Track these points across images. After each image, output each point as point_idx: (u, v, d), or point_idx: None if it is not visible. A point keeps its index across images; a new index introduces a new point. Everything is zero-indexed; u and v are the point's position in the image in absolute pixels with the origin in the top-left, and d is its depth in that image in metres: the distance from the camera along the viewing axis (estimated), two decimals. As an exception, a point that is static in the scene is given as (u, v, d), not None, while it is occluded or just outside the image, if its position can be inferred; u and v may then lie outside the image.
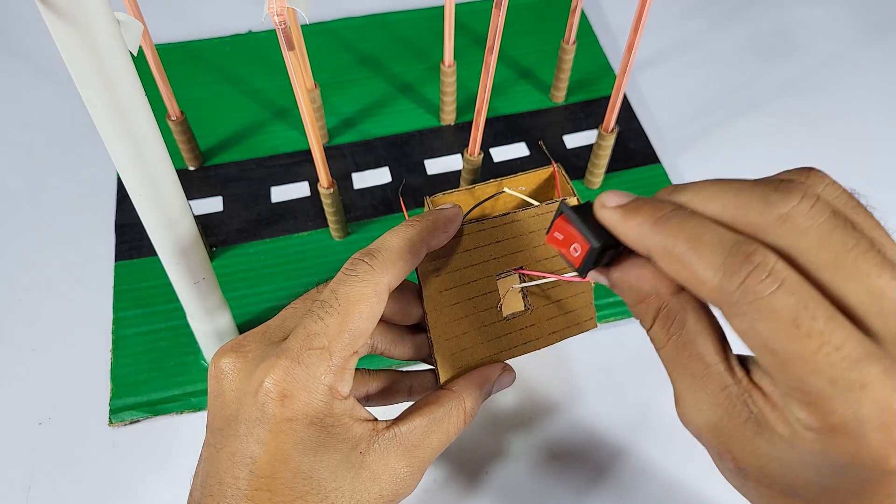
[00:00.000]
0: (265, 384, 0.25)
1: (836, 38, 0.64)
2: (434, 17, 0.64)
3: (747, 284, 0.18)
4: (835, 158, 0.55)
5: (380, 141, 0.55)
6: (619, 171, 0.54)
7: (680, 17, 0.65)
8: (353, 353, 0.26)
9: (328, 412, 0.26)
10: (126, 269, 0.48)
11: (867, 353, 0.18)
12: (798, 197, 0.19)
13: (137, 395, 0.43)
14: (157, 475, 0.40)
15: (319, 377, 0.25)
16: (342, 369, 0.26)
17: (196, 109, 0.56)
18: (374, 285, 0.26)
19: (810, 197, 0.19)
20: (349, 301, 0.26)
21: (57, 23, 0.24)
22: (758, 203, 0.19)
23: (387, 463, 0.27)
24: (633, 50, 0.41)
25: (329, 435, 0.26)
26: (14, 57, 0.61)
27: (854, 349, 0.18)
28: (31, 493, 0.39)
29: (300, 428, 0.25)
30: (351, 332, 0.26)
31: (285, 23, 0.32)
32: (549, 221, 0.31)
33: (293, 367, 0.25)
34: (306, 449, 0.25)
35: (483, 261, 0.31)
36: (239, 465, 0.25)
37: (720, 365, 0.21)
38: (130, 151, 0.29)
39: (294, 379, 0.25)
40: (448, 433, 0.29)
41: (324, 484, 0.25)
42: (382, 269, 0.26)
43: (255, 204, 0.52)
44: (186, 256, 0.36)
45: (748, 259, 0.19)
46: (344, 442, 0.26)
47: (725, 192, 0.20)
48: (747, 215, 0.20)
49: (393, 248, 0.27)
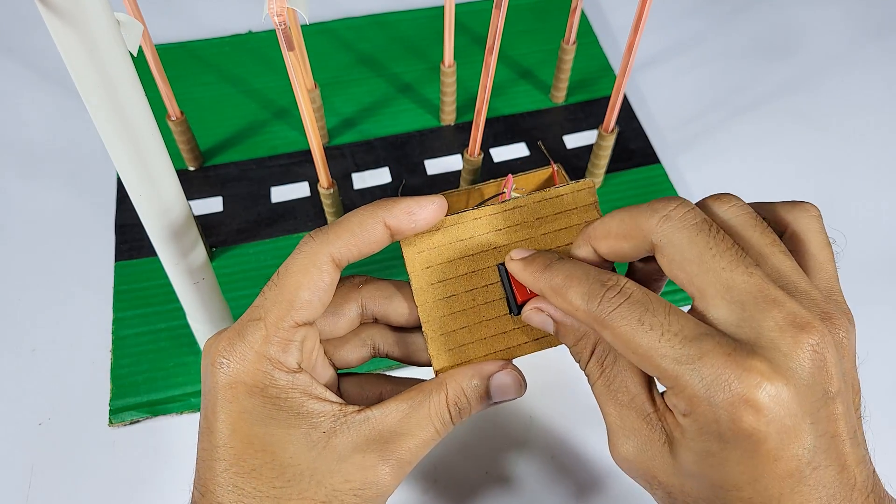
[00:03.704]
0: (213, 356, 0.26)
1: (836, 38, 0.64)
2: (434, 17, 0.64)
3: (603, 301, 0.24)
4: (834, 158, 0.55)
5: (380, 141, 0.55)
6: (619, 171, 0.54)
7: (680, 17, 0.65)
8: (295, 323, 0.26)
9: (269, 382, 0.26)
10: (126, 269, 0.48)
11: (701, 332, 0.22)
12: (676, 204, 0.24)
13: (137, 396, 0.43)
14: (157, 475, 0.40)
15: (252, 345, 0.26)
16: (283, 340, 0.26)
17: (196, 109, 0.56)
18: (312, 255, 0.26)
19: (686, 205, 0.24)
20: (287, 273, 0.26)
21: (57, 23, 0.24)
22: (647, 210, 0.25)
23: (355, 448, 0.26)
24: (633, 50, 0.41)
25: (278, 408, 0.25)
26: (14, 57, 0.61)
27: (689, 331, 0.22)
28: (31, 493, 0.39)
29: (242, 397, 0.25)
30: (287, 302, 0.26)
31: (285, 23, 0.32)
32: (558, 206, 0.30)
33: (234, 338, 0.26)
34: (254, 419, 0.25)
35: (482, 250, 0.30)
36: (206, 437, 0.26)
37: (642, 395, 0.25)
38: (130, 151, 0.29)
39: (233, 349, 0.26)
40: (428, 421, 0.27)
41: (279, 458, 0.25)
42: (324, 241, 0.27)
43: (255, 204, 0.52)
44: (186, 257, 0.36)
45: (604, 283, 0.24)
46: (299, 417, 0.26)
47: (624, 210, 0.26)
48: (638, 220, 0.25)
49: (343, 221, 0.27)
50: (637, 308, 0.23)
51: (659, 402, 0.25)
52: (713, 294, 0.23)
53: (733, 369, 0.21)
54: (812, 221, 0.26)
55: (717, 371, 0.21)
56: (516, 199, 0.30)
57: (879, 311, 0.47)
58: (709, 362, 0.21)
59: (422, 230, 0.28)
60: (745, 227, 0.25)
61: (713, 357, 0.21)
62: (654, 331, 0.23)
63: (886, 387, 0.44)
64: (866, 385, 0.26)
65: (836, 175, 0.54)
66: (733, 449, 0.21)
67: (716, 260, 0.23)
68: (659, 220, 0.24)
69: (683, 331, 0.22)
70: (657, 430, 0.24)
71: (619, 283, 0.24)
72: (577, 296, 0.25)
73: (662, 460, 0.24)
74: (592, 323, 0.24)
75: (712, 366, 0.21)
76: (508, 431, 0.42)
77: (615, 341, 0.24)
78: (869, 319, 0.47)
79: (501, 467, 0.41)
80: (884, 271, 0.49)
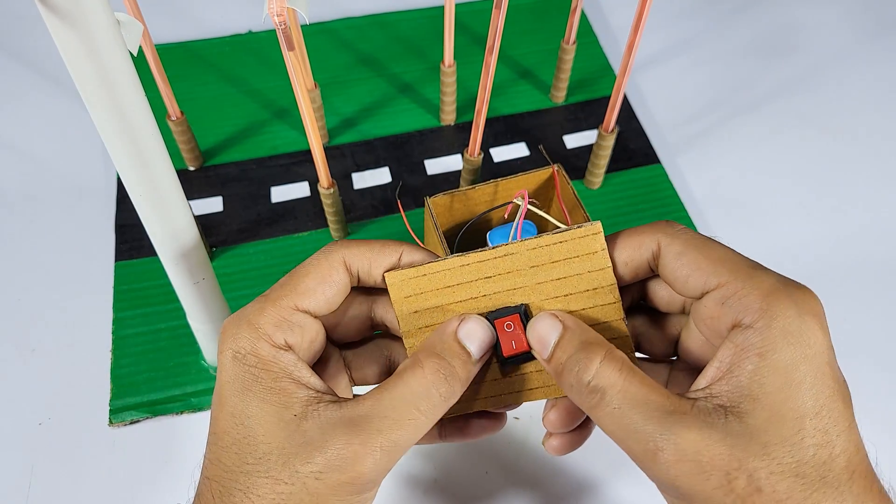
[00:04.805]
0: (221, 329, 0.27)
1: (836, 38, 0.64)
2: (434, 17, 0.64)
3: (670, 225, 0.27)
4: (834, 158, 0.55)
5: (380, 141, 0.55)
6: (619, 171, 0.54)
7: (680, 17, 0.65)
8: (294, 306, 0.27)
9: (252, 351, 0.26)
10: (126, 269, 0.48)
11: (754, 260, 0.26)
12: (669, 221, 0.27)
13: (137, 396, 0.43)
14: (157, 475, 0.40)
15: (249, 317, 0.26)
16: (277, 317, 0.26)
17: (196, 109, 0.56)
18: (327, 255, 0.28)
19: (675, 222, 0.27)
20: (301, 266, 0.28)
21: (57, 23, 0.24)
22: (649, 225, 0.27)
23: (329, 438, 0.24)
24: (633, 50, 0.41)
25: (255, 378, 0.26)
26: (14, 57, 0.61)
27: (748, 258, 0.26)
28: (31, 493, 0.39)
29: (229, 363, 0.26)
30: (292, 286, 0.27)
31: (285, 23, 0.32)
32: (556, 254, 0.27)
33: (238, 313, 0.27)
34: (234, 388, 0.26)
35: (470, 297, 0.27)
36: (211, 410, 0.27)
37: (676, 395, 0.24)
38: (130, 151, 0.29)
39: (231, 321, 0.27)
40: (408, 399, 0.25)
41: (253, 433, 0.25)
42: (342, 247, 0.28)
43: (255, 204, 0.52)
44: (186, 256, 0.36)
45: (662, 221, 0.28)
46: (272, 393, 0.25)
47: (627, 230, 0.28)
48: (647, 229, 0.27)
49: (367, 240, 0.29)
50: (702, 236, 0.26)
51: (691, 394, 0.24)
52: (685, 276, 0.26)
53: (796, 283, 0.24)
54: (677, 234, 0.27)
55: (785, 280, 0.24)
56: (507, 245, 0.27)
57: (880, 312, 0.47)
58: (775, 275, 0.24)
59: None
60: None
61: (776, 274, 0.25)
62: (724, 247, 0.26)
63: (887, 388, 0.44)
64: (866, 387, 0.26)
65: (835, 175, 0.54)
66: (813, 358, 0.23)
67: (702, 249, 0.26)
68: (667, 226, 0.27)
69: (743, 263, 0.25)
70: (714, 413, 0.23)
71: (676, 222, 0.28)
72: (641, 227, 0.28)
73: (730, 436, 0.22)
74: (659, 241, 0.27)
75: (780, 276, 0.24)
76: (508, 431, 0.42)
77: (681, 254, 0.26)
78: (869, 320, 0.47)
79: (501, 467, 0.41)
80: (884, 272, 0.49)
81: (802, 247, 0.50)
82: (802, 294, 0.24)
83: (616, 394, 0.24)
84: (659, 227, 0.27)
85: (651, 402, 0.23)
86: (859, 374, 0.26)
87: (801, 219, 0.52)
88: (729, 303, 0.24)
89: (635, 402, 0.23)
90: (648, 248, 0.27)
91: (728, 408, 0.23)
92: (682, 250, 0.26)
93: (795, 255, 0.50)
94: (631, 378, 0.24)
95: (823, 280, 0.48)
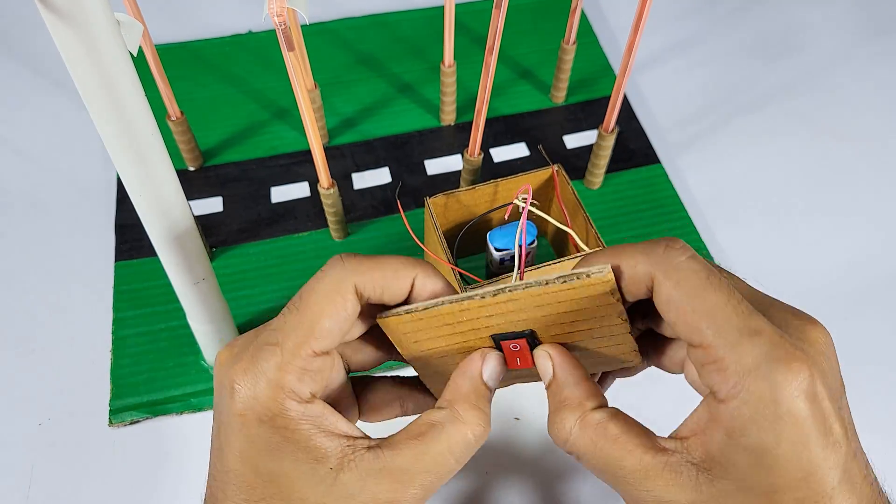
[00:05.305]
0: (228, 378, 0.25)
1: (836, 38, 0.64)
2: (434, 17, 0.64)
3: (668, 252, 0.24)
4: (834, 158, 0.55)
5: (380, 141, 0.55)
6: (619, 171, 0.54)
7: (680, 18, 0.65)
8: (312, 353, 0.25)
9: (279, 412, 0.24)
10: (126, 269, 0.48)
11: (755, 309, 0.23)
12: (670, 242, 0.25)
13: (137, 396, 0.43)
14: (157, 475, 0.40)
15: (265, 372, 0.25)
16: (300, 369, 0.25)
17: (196, 109, 0.56)
18: (338, 283, 0.25)
19: (678, 241, 0.25)
20: (311, 298, 0.25)
21: (57, 23, 0.24)
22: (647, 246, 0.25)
23: (367, 487, 0.24)
24: (633, 50, 0.41)
25: (286, 439, 0.24)
26: (14, 57, 0.61)
27: (748, 305, 0.23)
28: (31, 493, 0.39)
29: (251, 424, 0.24)
30: (306, 329, 0.25)
31: (285, 23, 0.32)
32: (561, 299, 0.25)
33: (249, 363, 0.25)
34: (263, 449, 0.24)
35: (473, 329, 0.27)
36: (218, 458, 0.26)
37: (651, 452, 0.24)
38: (130, 151, 0.29)
39: (246, 374, 0.25)
40: (449, 456, 0.26)
41: (287, 491, 0.24)
42: (352, 269, 0.25)
43: (255, 204, 0.52)
44: (186, 257, 0.36)
45: (662, 241, 0.24)
46: (306, 451, 0.25)
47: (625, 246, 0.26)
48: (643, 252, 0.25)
49: (378, 257, 0.26)
50: (702, 265, 0.23)
51: (668, 444, 0.24)
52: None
53: (789, 351, 0.21)
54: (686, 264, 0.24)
55: (775, 349, 0.21)
56: (511, 292, 0.25)
57: (880, 314, 0.47)
58: (768, 339, 0.22)
59: None
60: None
61: (771, 335, 0.22)
62: (721, 292, 0.23)
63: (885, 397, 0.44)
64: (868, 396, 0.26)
65: (835, 174, 0.54)
66: (788, 439, 0.21)
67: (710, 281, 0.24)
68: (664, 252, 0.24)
69: (743, 301, 0.23)
70: (685, 469, 0.23)
71: (678, 240, 0.24)
72: (633, 253, 0.24)
73: (701, 494, 0.23)
74: (655, 274, 0.24)
75: (772, 343, 0.22)
76: (508, 431, 0.42)
77: (671, 299, 0.23)
78: (870, 322, 0.47)
79: (501, 467, 0.41)
80: (884, 272, 0.49)
81: (802, 247, 0.50)
82: (787, 370, 0.21)
83: (589, 458, 0.25)
84: (655, 257, 0.24)
85: (624, 466, 0.24)
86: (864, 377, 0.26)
87: (800, 218, 0.52)
88: (706, 370, 0.23)
89: (607, 466, 0.24)
90: (642, 281, 0.24)
91: (700, 467, 0.23)
92: (672, 296, 0.23)
93: (795, 255, 0.50)
94: (603, 443, 0.24)
95: (824, 280, 0.48)
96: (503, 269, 0.41)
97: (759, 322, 0.22)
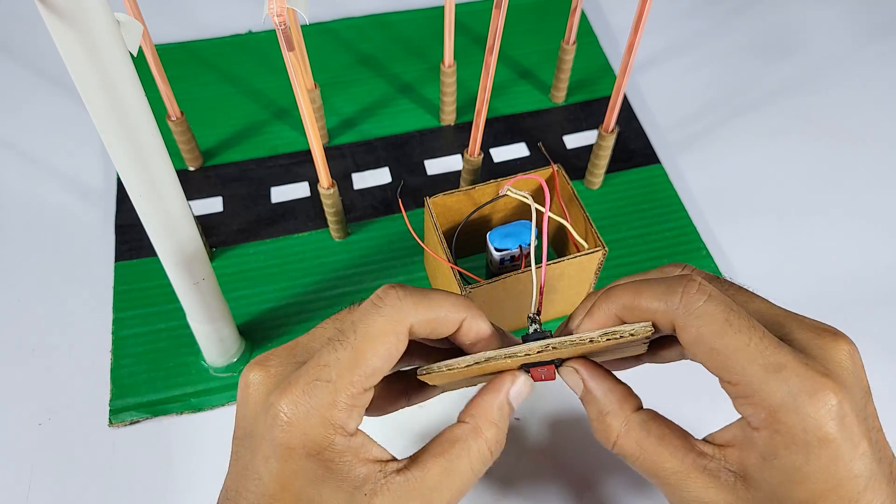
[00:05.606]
0: (274, 407, 0.25)
1: (836, 38, 0.64)
2: (434, 17, 0.64)
3: (685, 299, 0.24)
4: (834, 158, 0.55)
5: (380, 141, 0.55)
6: (619, 171, 0.54)
7: (680, 18, 0.65)
8: (363, 390, 0.25)
9: (327, 446, 0.25)
10: (126, 269, 0.48)
11: (778, 342, 0.23)
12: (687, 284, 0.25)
13: (137, 396, 0.43)
14: (157, 475, 0.40)
15: (321, 410, 0.25)
16: (349, 406, 0.25)
17: (196, 109, 0.56)
18: (394, 324, 0.26)
19: (695, 280, 0.25)
20: (366, 337, 0.25)
21: (57, 23, 0.24)
22: (665, 291, 0.25)
23: None
24: (633, 50, 0.41)
25: (329, 471, 0.25)
26: (14, 57, 0.61)
27: (771, 338, 0.23)
28: (31, 493, 0.39)
29: (299, 458, 0.25)
30: (362, 370, 0.25)
31: (285, 23, 0.32)
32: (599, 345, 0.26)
33: (300, 396, 0.25)
34: (306, 480, 0.25)
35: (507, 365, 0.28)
36: (250, 479, 0.25)
37: (690, 453, 0.25)
38: (130, 151, 0.29)
39: (297, 408, 0.25)
40: (470, 471, 0.27)
41: None
42: (412, 308, 0.26)
43: (255, 204, 0.52)
44: (186, 256, 0.36)
45: (680, 282, 0.25)
46: (346, 481, 0.25)
47: (643, 287, 0.26)
48: (662, 300, 0.25)
49: (434, 297, 0.26)
50: (721, 306, 0.24)
51: (709, 450, 0.26)
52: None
53: (814, 380, 0.22)
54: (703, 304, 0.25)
55: (802, 381, 0.22)
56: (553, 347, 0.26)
57: (880, 314, 0.47)
58: (793, 372, 0.23)
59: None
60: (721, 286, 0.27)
61: (796, 367, 0.23)
62: (742, 333, 0.23)
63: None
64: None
65: (835, 174, 0.54)
66: (817, 458, 0.22)
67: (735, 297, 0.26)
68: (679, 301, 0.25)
69: (767, 336, 0.23)
70: (723, 474, 0.25)
71: (696, 280, 0.25)
72: (651, 299, 0.25)
73: (738, 498, 0.25)
74: (674, 322, 0.25)
75: (797, 375, 0.23)
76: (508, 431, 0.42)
77: (696, 343, 0.24)
78: (870, 321, 0.47)
79: (502, 467, 0.41)
80: (885, 272, 0.49)
81: (802, 247, 0.50)
82: (815, 400, 0.22)
83: (635, 460, 0.27)
84: (673, 305, 0.25)
85: (666, 467, 0.26)
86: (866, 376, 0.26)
87: (800, 218, 0.52)
88: (738, 402, 0.24)
89: (651, 466, 0.26)
90: (665, 326, 0.25)
91: (737, 474, 0.25)
92: (695, 341, 0.24)
93: (795, 255, 0.50)
94: (647, 444, 0.26)
95: (824, 280, 0.48)
96: (503, 269, 0.41)
97: (783, 356, 0.23)
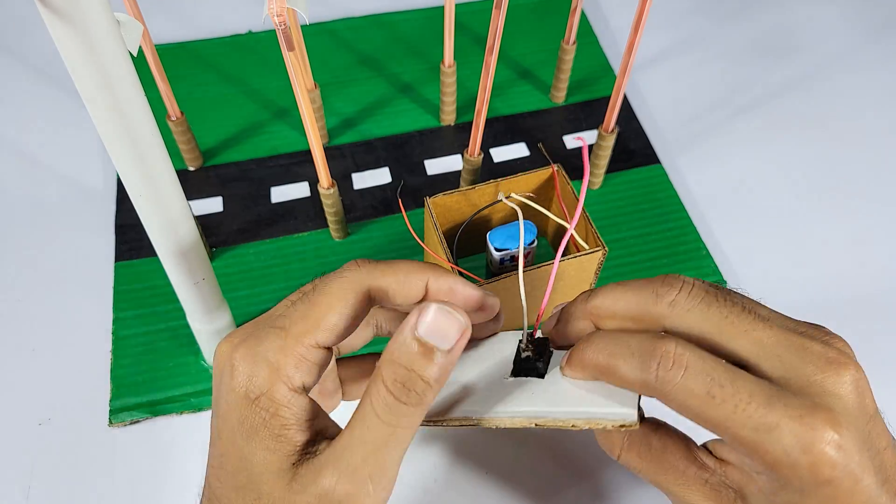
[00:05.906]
0: (227, 360, 0.25)
1: (836, 38, 0.64)
2: (434, 17, 0.64)
3: (660, 375, 0.23)
4: (835, 158, 0.55)
5: (380, 141, 0.55)
6: (619, 171, 0.54)
7: (680, 17, 0.65)
8: (316, 344, 0.25)
9: (268, 394, 0.24)
10: (126, 269, 0.48)
11: (770, 395, 0.23)
12: (678, 288, 0.25)
13: (137, 396, 0.43)
14: (157, 475, 0.40)
15: (267, 353, 0.25)
16: (299, 357, 0.25)
17: (196, 109, 0.56)
18: (353, 283, 0.26)
19: (687, 285, 0.25)
20: (323, 291, 0.26)
21: (57, 23, 0.24)
22: (651, 296, 0.25)
23: (315, 477, 0.24)
24: (633, 50, 0.41)
25: (263, 422, 0.24)
26: (14, 57, 0.61)
27: (759, 397, 0.23)
28: (31, 493, 0.39)
29: (239, 401, 0.24)
30: (314, 319, 0.25)
31: (285, 23, 0.32)
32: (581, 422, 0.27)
33: (249, 339, 0.25)
34: (243, 431, 0.24)
35: None
36: (212, 441, 0.26)
37: (692, 466, 0.26)
38: (130, 151, 0.29)
39: (246, 354, 0.25)
40: (377, 419, 0.24)
41: (257, 480, 0.24)
42: (368, 274, 0.26)
43: (255, 204, 0.52)
44: (186, 257, 0.36)
45: (653, 355, 0.24)
46: (278, 441, 0.24)
47: (627, 293, 0.26)
48: (646, 307, 0.25)
49: (392, 263, 0.27)
50: (701, 379, 0.23)
51: (711, 463, 0.26)
52: (747, 354, 0.24)
53: (807, 431, 0.22)
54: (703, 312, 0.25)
55: (794, 437, 0.22)
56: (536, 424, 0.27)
57: (880, 313, 0.47)
58: (786, 429, 0.22)
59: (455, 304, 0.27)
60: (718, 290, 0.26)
61: (788, 422, 0.22)
62: (726, 403, 0.23)
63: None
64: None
65: (836, 175, 0.54)
66: (816, 498, 0.23)
67: (735, 325, 0.24)
68: (667, 308, 0.25)
69: (754, 398, 0.23)
70: (723, 490, 0.26)
71: (670, 351, 0.24)
72: (629, 370, 0.24)
73: None
74: (652, 395, 0.24)
75: (790, 432, 0.22)
76: (508, 431, 0.42)
77: (683, 412, 0.24)
78: (870, 322, 0.47)
79: (501, 467, 0.41)
80: (884, 272, 0.49)
81: (802, 247, 0.50)
82: (813, 452, 0.22)
83: (640, 472, 0.28)
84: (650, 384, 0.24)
85: (668, 479, 0.27)
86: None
87: (800, 218, 0.52)
88: (737, 452, 0.25)
89: (655, 476, 0.27)
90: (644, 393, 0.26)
91: (737, 493, 0.26)
92: (679, 408, 0.25)
93: (795, 255, 0.50)
94: (649, 456, 0.27)
95: (823, 280, 0.48)
96: (503, 269, 0.41)
97: (774, 415, 0.23)
